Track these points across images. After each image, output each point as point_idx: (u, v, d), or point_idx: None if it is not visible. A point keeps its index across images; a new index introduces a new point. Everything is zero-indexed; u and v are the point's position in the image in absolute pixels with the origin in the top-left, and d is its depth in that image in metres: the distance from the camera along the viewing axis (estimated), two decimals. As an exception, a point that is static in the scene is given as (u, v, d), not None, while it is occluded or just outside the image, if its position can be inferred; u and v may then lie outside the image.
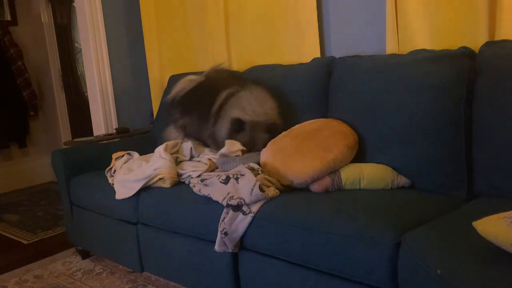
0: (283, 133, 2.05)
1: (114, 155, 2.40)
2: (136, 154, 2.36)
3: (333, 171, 1.79)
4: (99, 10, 3.16)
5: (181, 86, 2.47)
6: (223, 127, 2.12)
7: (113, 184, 2.21)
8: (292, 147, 1.91)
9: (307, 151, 1.84)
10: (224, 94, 2.21)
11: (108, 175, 2.33)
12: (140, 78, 3.37)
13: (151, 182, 2.06)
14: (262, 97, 2.15)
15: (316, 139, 1.88)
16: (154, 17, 3.12)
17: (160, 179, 2.05)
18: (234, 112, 2.10)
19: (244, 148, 2.00)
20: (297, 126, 2.07)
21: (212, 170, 2.04)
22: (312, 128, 1.98)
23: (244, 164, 1.90)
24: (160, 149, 2.14)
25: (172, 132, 2.48)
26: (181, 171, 2.08)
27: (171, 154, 2.15)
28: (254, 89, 2.17)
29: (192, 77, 2.48)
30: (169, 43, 3.11)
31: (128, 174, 2.12)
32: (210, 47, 2.85)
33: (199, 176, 1.99)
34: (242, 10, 2.65)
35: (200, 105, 2.31)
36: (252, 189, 1.67)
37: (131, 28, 3.33)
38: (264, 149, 1.99)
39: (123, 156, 2.37)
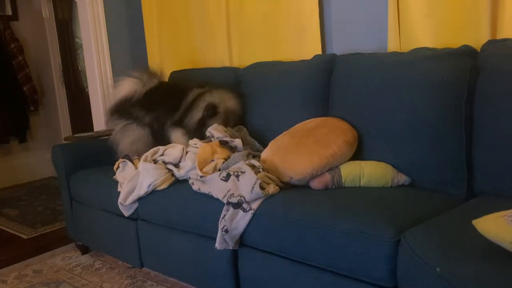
0: (284, 132, 2.05)
1: (115, 168, 2.32)
2: (129, 163, 2.27)
3: (333, 167, 1.79)
4: (100, 5, 3.16)
5: (131, 88, 2.47)
6: (198, 113, 2.33)
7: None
8: (291, 145, 1.91)
9: (306, 148, 1.85)
10: (196, 92, 2.42)
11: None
12: (141, 74, 3.36)
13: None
14: (229, 95, 2.42)
15: (315, 136, 1.89)
16: (155, 12, 3.12)
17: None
18: (207, 100, 2.34)
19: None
20: (296, 125, 2.07)
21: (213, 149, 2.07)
22: (311, 126, 1.98)
23: (245, 161, 1.90)
24: (141, 164, 2.12)
25: (137, 129, 2.44)
26: (178, 174, 2.07)
27: (155, 160, 2.15)
28: (221, 89, 2.43)
29: (134, 80, 2.50)
30: (171, 38, 3.10)
31: (128, 198, 2.12)
32: (212, 44, 2.84)
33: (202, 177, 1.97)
34: (244, 7, 2.64)
35: (167, 103, 2.44)
36: (253, 187, 1.67)
37: (132, 23, 3.32)
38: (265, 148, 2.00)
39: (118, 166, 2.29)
